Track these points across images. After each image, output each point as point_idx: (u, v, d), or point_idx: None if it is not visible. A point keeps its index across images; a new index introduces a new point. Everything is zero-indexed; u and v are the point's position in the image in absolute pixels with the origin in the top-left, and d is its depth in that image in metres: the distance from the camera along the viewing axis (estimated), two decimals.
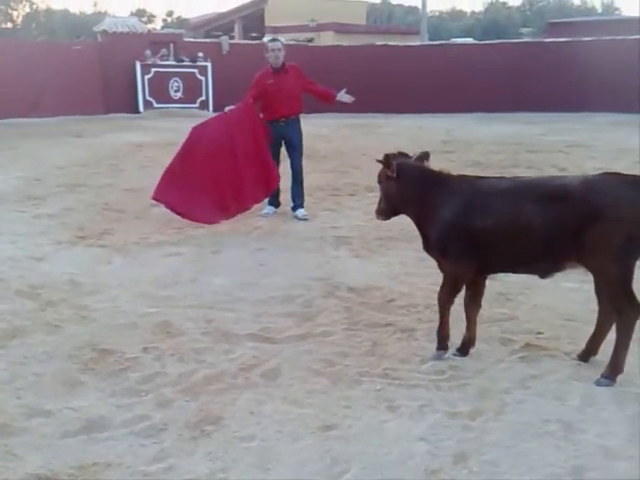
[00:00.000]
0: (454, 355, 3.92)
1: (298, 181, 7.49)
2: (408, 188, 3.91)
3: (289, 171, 7.52)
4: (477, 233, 3.64)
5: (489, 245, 3.64)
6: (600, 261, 3.45)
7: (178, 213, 6.60)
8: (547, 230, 3.48)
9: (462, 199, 3.71)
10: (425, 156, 4.03)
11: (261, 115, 7.10)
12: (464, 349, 3.94)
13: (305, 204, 7.56)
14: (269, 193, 7.23)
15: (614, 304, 3.51)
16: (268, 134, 7.05)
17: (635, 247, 3.40)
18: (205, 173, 6.57)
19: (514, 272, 3.93)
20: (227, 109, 6.97)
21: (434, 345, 3.97)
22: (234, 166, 6.75)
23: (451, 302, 3.89)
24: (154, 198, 6.65)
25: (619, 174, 3.54)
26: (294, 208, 7.52)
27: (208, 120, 7.06)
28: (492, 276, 4.03)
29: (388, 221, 4.61)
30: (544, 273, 3.71)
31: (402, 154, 4.02)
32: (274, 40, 7.38)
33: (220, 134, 6.71)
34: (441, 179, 3.86)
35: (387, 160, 3.94)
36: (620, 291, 3.45)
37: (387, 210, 4.15)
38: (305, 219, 7.33)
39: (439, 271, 4.50)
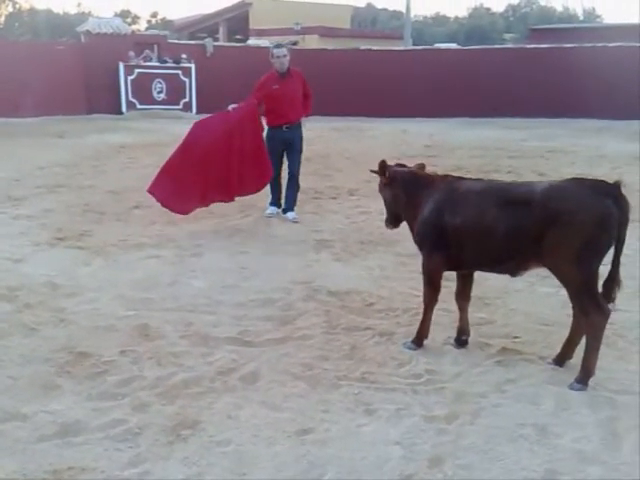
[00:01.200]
0: (452, 345, 4.08)
1: (294, 184, 7.55)
2: (399, 191, 4.16)
3: (285, 174, 7.58)
4: (447, 229, 3.81)
5: (458, 242, 3.80)
6: (560, 265, 3.55)
7: (165, 206, 6.66)
8: (510, 233, 3.61)
9: (438, 197, 3.90)
10: (421, 168, 4.30)
11: (263, 119, 7.13)
12: (459, 339, 4.09)
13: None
14: (260, 187, 7.23)
15: (579, 307, 3.59)
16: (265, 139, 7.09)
17: (595, 251, 3.46)
18: (199, 174, 6.60)
19: (483, 270, 4.01)
20: (231, 107, 6.91)
21: (412, 350, 4.03)
22: (227, 167, 6.77)
23: (434, 300, 4.04)
24: (149, 191, 6.63)
25: (582, 179, 3.62)
26: (285, 210, 7.58)
27: (211, 117, 7.05)
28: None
29: (369, 225, 4.67)
30: (512, 272, 3.84)
31: (400, 165, 4.31)
32: (279, 46, 7.44)
33: (220, 133, 6.70)
34: (427, 180, 4.09)
35: (381, 167, 4.21)
36: (584, 294, 3.52)
37: (391, 218, 4.41)
38: (296, 222, 7.37)
39: (417, 275, 4.54)
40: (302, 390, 3.58)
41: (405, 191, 4.12)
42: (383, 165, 4.22)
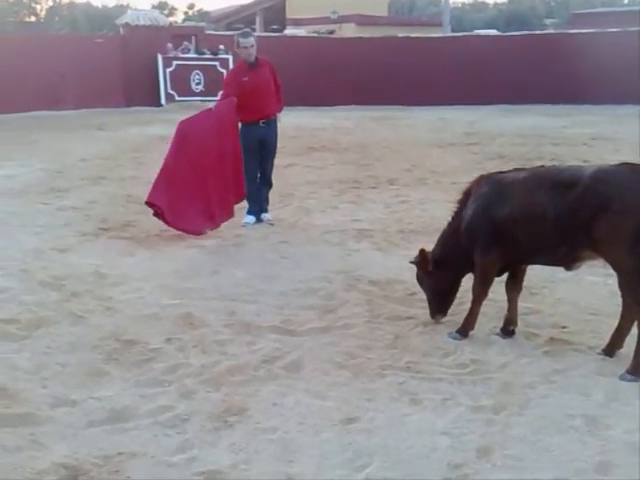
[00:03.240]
0: (496, 335, 4.02)
1: (268, 185, 7.00)
2: (443, 275, 4.19)
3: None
4: (498, 223, 3.75)
5: (510, 234, 3.73)
6: (613, 252, 3.46)
7: (165, 222, 6.19)
8: (559, 217, 3.53)
9: (486, 195, 3.84)
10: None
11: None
12: (506, 329, 4.03)
13: (323, 196, 7.46)
14: (238, 201, 6.71)
15: (631, 296, 3.49)
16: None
17: None
18: (196, 174, 6.22)
19: (537, 262, 3.95)
20: (210, 106, 6.59)
21: (457, 340, 3.99)
22: (220, 167, 6.37)
23: (485, 294, 4.01)
24: (148, 202, 6.13)
25: (633, 164, 3.52)
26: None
27: (195, 116, 6.46)
28: None
29: (409, 215, 4.51)
30: (566, 263, 3.75)
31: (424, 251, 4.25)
32: (245, 35, 6.76)
33: (208, 132, 6.25)
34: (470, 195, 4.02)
35: (422, 258, 4.20)
36: (636, 282, 3.41)
37: (439, 307, 4.29)
38: (272, 224, 6.85)
39: None
40: (346, 379, 3.57)
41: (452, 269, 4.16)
42: (423, 256, 4.20)
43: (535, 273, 4.76)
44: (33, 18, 34.57)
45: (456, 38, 23.44)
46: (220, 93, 6.79)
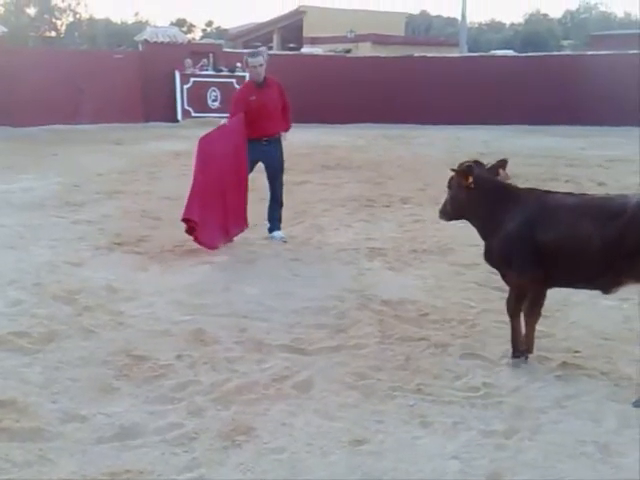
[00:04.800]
0: (509, 359, 3.98)
1: (279, 204, 6.97)
2: (480, 199, 3.98)
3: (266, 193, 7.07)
4: (540, 246, 3.71)
5: (551, 259, 3.71)
6: None
7: (195, 237, 6.21)
8: (604, 248, 3.52)
9: (528, 212, 3.79)
10: (502, 164, 4.09)
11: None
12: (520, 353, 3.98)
13: (336, 214, 7.47)
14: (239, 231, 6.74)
15: None
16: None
17: None
18: (218, 189, 6.30)
19: (574, 287, 3.95)
20: (223, 122, 6.58)
21: (468, 362, 3.97)
22: (237, 182, 6.49)
23: (519, 310, 3.96)
24: (185, 218, 6.17)
25: None
26: (271, 229, 6.97)
27: (213, 131, 6.49)
28: None
29: (423, 234, 4.52)
30: (604, 289, 3.75)
31: (478, 163, 4.07)
32: (254, 55, 6.76)
33: (226, 147, 6.35)
34: (512, 192, 3.95)
35: (468, 170, 3.97)
36: None
37: (452, 214, 4.22)
38: (285, 241, 6.83)
39: (473, 285, 4.46)
40: (356, 400, 3.55)
41: (488, 202, 3.94)
42: (470, 169, 3.95)
43: (548, 295, 4.69)
44: (54, 33, 35.08)
45: (472, 58, 23.48)
46: (229, 112, 6.75)
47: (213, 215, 6.29)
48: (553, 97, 20.19)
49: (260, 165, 6.86)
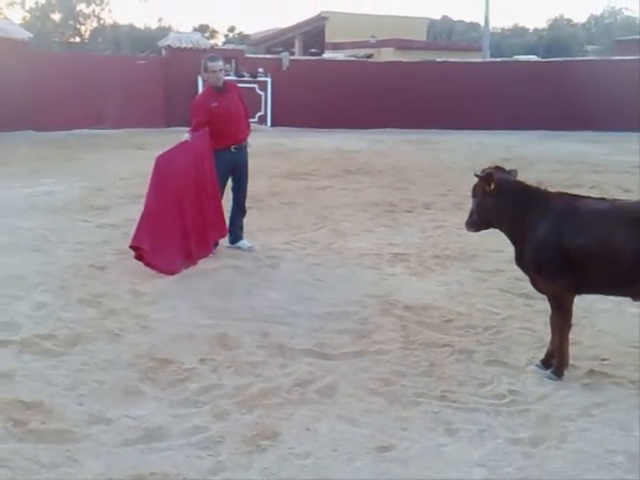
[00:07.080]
0: (535, 366, 3.92)
1: (241, 212, 6.71)
2: (506, 204, 3.91)
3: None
4: (571, 252, 3.65)
5: (581, 265, 3.65)
6: None
7: (145, 263, 5.77)
8: (635, 254, 3.47)
9: (558, 218, 3.73)
10: (514, 173, 4.05)
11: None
12: (546, 362, 3.92)
13: (358, 219, 7.41)
14: (219, 237, 6.53)
15: None
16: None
17: None
18: (175, 210, 5.97)
19: (604, 293, 3.91)
20: (185, 137, 6.20)
21: (493, 368, 3.93)
22: (198, 202, 6.14)
23: (568, 325, 3.85)
24: (132, 246, 5.82)
25: None
26: (234, 240, 6.67)
27: (171, 150, 6.11)
28: None
29: (446, 240, 4.48)
30: (635, 296, 3.72)
31: (499, 168, 4.03)
32: (213, 59, 6.40)
33: (186, 166, 6.03)
34: (540, 196, 3.88)
35: (488, 176, 3.92)
36: None
37: (479, 223, 4.15)
38: (252, 250, 6.60)
39: (497, 292, 4.39)
40: (380, 406, 3.53)
41: (515, 206, 3.88)
42: (490, 175, 3.91)
43: (574, 303, 4.67)
44: (78, 39, 35.45)
45: (495, 63, 23.37)
46: (190, 122, 6.43)
47: (170, 239, 5.89)
48: (577, 102, 19.99)
49: None
